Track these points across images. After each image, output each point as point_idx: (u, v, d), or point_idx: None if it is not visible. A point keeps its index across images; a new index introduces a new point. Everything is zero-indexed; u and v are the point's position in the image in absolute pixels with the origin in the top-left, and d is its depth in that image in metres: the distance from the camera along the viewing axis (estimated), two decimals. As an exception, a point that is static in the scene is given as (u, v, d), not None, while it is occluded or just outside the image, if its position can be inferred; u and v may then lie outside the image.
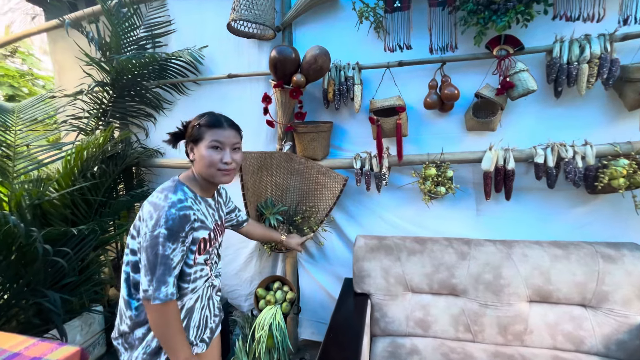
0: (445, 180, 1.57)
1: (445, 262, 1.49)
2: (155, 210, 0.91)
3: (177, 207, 0.91)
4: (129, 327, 0.98)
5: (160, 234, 0.88)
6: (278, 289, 1.82)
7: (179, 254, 0.91)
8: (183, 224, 0.91)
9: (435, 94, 1.58)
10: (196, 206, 0.97)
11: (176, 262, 0.91)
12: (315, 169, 1.80)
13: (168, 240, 0.88)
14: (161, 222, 0.88)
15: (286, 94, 1.67)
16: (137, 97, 2.18)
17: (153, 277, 0.89)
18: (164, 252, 0.88)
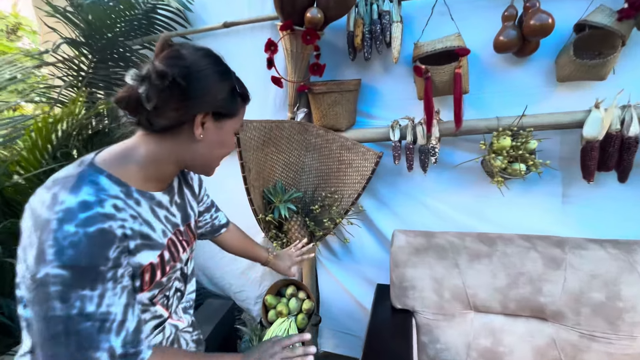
0: (526, 154, 1.09)
1: (527, 271, 1.04)
2: (35, 229, 0.47)
3: (77, 221, 0.47)
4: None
5: (51, 278, 0.45)
6: (292, 296, 1.44)
7: (115, 299, 0.50)
8: (101, 249, 0.48)
9: (513, 29, 1.07)
10: (126, 211, 0.54)
11: (120, 313, 0.50)
12: (338, 142, 1.36)
13: (77, 288, 0.46)
14: (48, 255, 0.45)
15: (297, 40, 1.22)
16: (121, 61, 1.80)
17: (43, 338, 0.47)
18: (71, 312, 0.46)
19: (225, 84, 0.59)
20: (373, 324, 1.13)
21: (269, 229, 1.40)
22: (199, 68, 0.55)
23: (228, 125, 0.62)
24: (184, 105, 0.55)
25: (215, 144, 0.62)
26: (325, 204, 1.43)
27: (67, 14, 1.53)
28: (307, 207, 1.45)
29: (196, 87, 0.55)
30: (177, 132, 0.58)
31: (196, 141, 0.59)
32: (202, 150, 0.61)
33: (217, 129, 0.61)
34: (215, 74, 0.58)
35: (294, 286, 1.49)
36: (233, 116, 0.62)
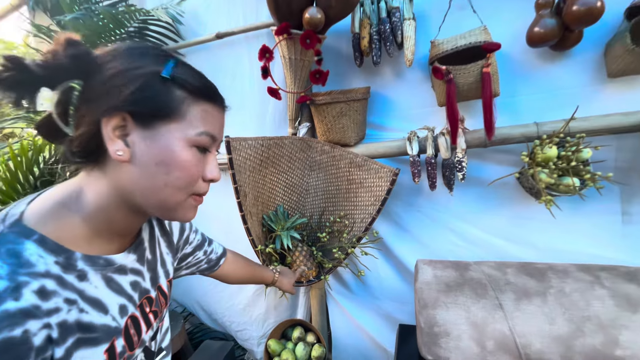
0: (580, 165, 0.89)
1: (595, 314, 0.82)
2: None
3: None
4: None
5: None
6: (299, 340, 1.24)
7: None
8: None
9: (551, 17, 0.90)
10: (59, 295, 0.37)
11: None
12: (347, 159, 1.18)
13: None
14: None
15: (296, 45, 1.07)
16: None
17: None
18: None
19: (145, 63, 0.40)
20: (399, 382, 0.91)
21: (270, 261, 1.21)
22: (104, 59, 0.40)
23: (166, 132, 0.41)
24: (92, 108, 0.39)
25: (151, 164, 0.41)
26: (335, 230, 1.24)
27: (51, 33, 1.43)
28: (314, 235, 1.26)
29: (95, 81, 0.39)
30: (100, 158, 0.42)
31: (121, 164, 0.41)
32: (137, 178, 0.41)
33: (148, 140, 0.40)
34: (126, 55, 0.41)
35: (302, 327, 1.29)
36: (171, 115, 0.41)
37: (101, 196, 0.42)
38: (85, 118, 0.39)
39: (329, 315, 1.41)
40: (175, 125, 0.41)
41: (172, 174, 0.42)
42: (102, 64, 0.40)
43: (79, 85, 0.39)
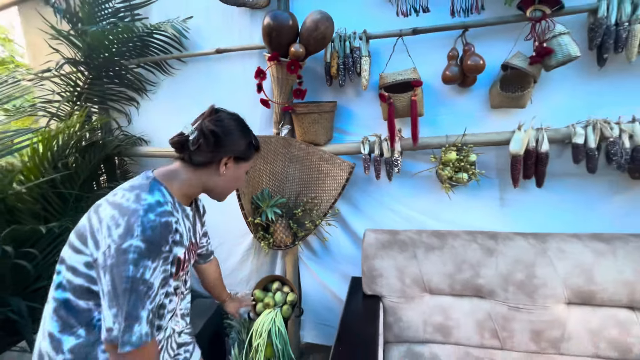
0: (468, 165, 1.36)
1: (469, 259, 1.30)
2: (122, 215, 0.67)
3: (156, 212, 0.69)
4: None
5: (133, 247, 0.64)
6: (277, 290, 1.63)
7: (159, 275, 0.68)
8: (166, 235, 0.69)
9: (455, 66, 1.36)
10: (176, 215, 0.76)
11: (156, 289, 0.68)
12: (318, 155, 1.58)
13: (145, 258, 0.65)
14: (135, 232, 0.65)
15: (283, 69, 1.45)
16: (116, 79, 1.95)
17: (121, 311, 0.64)
18: (136, 274, 0.64)
19: (245, 139, 0.84)
20: (347, 309, 1.34)
21: (257, 230, 1.59)
22: (230, 128, 0.81)
23: (243, 167, 0.87)
24: (217, 150, 0.79)
25: (232, 179, 0.86)
26: (307, 208, 1.64)
27: (70, 37, 1.68)
28: (291, 211, 1.65)
29: (226, 140, 0.80)
30: (208, 168, 0.82)
31: (219, 175, 0.83)
32: (222, 182, 0.85)
33: (235, 169, 0.85)
34: (240, 132, 0.82)
35: (279, 281, 1.68)
36: (247, 160, 0.87)
37: (190, 179, 0.82)
38: (211, 152, 0.79)
39: (300, 275, 1.82)
40: (247, 163, 0.88)
41: (237, 184, 0.90)
42: (229, 130, 0.80)
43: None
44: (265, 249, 1.63)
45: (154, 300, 0.68)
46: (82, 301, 0.72)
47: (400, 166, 1.47)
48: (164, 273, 0.70)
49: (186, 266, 0.84)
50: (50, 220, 1.65)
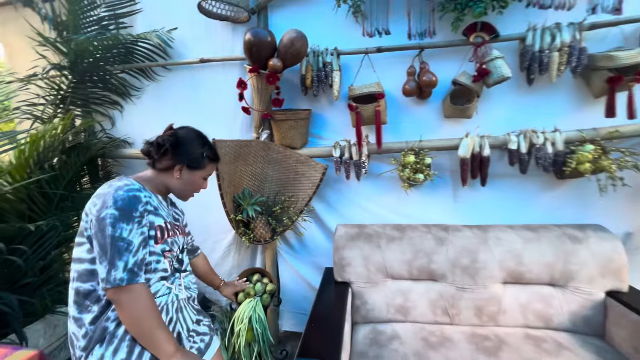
0: (424, 167, 1.57)
1: (424, 248, 1.51)
2: (98, 197, 0.86)
3: (124, 189, 0.86)
4: (82, 349, 0.86)
5: (108, 215, 0.82)
6: (257, 281, 1.77)
7: (137, 236, 0.85)
8: (134, 203, 0.86)
9: (413, 81, 1.57)
10: (146, 193, 0.92)
11: (136, 246, 0.84)
12: (294, 157, 1.75)
13: (119, 221, 0.83)
14: (108, 204, 0.83)
15: (262, 80, 1.60)
16: (100, 83, 2.02)
17: (106, 262, 0.81)
18: (114, 234, 0.82)
19: (198, 151, 1.01)
20: (320, 294, 1.51)
21: (239, 226, 1.74)
22: (184, 140, 0.98)
23: (198, 174, 1.03)
24: (172, 159, 0.97)
25: (187, 183, 1.02)
26: (284, 206, 1.80)
27: (56, 44, 1.75)
28: (270, 209, 1.81)
29: (179, 151, 0.97)
30: (167, 172, 0.99)
31: (175, 179, 1.00)
32: (178, 185, 1.02)
33: (189, 175, 1.01)
34: (193, 145, 0.99)
35: (259, 273, 1.83)
36: (201, 169, 1.03)
37: (156, 180, 0.99)
38: (169, 160, 0.97)
39: (278, 268, 1.98)
40: (201, 172, 1.03)
41: (193, 188, 1.05)
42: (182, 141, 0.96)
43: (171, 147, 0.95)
44: (247, 243, 1.77)
45: (135, 254, 0.84)
46: (87, 284, 0.87)
47: (367, 168, 1.66)
48: (142, 235, 0.87)
49: (170, 234, 0.98)
50: (35, 219, 1.71)
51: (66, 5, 1.79)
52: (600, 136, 1.42)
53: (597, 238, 1.40)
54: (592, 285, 1.37)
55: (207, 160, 1.03)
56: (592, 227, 1.46)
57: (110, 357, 0.83)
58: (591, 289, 1.37)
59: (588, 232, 1.43)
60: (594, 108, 1.47)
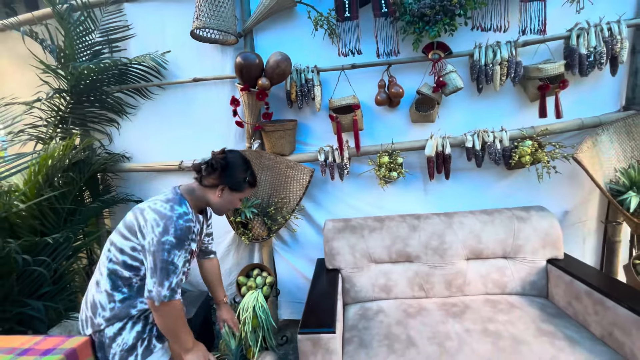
0: (397, 166, 1.84)
1: (400, 235, 1.77)
2: (161, 219, 1.02)
3: (183, 219, 1.04)
4: (106, 319, 1.06)
5: (168, 241, 1.00)
6: (257, 275, 1.99)
7: (182, 260, 1.04)
8: (187, 234, 1.04)
9: (384, 93, 1.83)
10: (193, 222, 1.09)
11: (180, 268, 1.04)
12: (284, 163, 1.97)
13: (175, 248, 1.01)
14: (170, 231, 1.00)
15: (253, 96, 1.82)
16: (97, 103, 2.16)
17: (158, 280, 1.01)
18: (169, 259, 1.00)
19: (241, 176, 1.15)
20: (314, 280, 1.74)
21: (238, 227, 1.94)
22: (231, 164, 1.13)
23: (236, 195, 1.17)
24: (217, 179, 1.12)
25: (225, 202, 1.16)
26: (278, 207, 2.02)
27: (57, 71, 1.89)
28: (265, 210, 2.02)
29: (225, 173, 1.13)
30: (211, 190, 1.14)
31: (217, 197, 1.15)
32: (217, 203, 1.16)
33: (229, 195, 1.15)
34: (238, 170, 1.15)
35: (259, 268, 2.05)
36: (240, 191, 1.17)
37: (200, 195, 1.16)
38: (215, 179, 1.12)
39: (275, 263, 2.19)
40: (240, 194, 1.18)
41: (231, 207, 1.21)
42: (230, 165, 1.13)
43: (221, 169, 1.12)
44: (246, 242, 1.98)
45: (178, 276, 1.05)
46: (126, 271, 1.08)
47: (349, 169, 1.91)
48: (184, 259, 1.06)
49: (195, 255, 1.20)
50: (47, 234, 1.86)
51: (62, 31, 1.93)
52: (536, 133, 1.73)
53: (538, 217, 1.71)
54: (536, 255, 1.68)
55: (247, 185, 1.16)
56: (535, 208, 1.77)
57: (128, 330, 1.09)
58: (535, 258, 1.68)
59: (531, 213, 1.74)
60: (531, 110, 1.78)
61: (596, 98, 1.77)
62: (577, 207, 1.91)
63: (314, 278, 1.77)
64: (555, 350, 1.27)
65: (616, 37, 1.59)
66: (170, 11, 2.00)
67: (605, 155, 1.69)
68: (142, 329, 1.11)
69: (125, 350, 1.07)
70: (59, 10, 1.92)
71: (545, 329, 1.39)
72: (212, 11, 1.72)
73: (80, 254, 2.09)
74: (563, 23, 1.66)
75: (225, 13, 1.76)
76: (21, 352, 0.98)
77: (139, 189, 2.29)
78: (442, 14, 1.57)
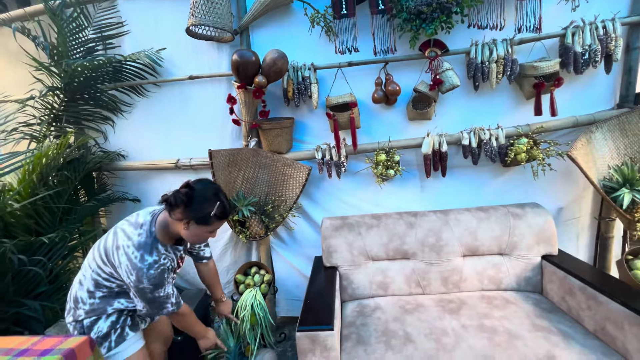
0: (394, 163, 1.85)
1: (398, 232, 1.78)
2: (133, 269, 1.08)
3: (154, 268, 1.08)
4: (85, 312, 1.17)
5: (147, 288, 1.09)
6: (255, 273, 1.99)
7: (169, 286, 1.17)
8: (164, 275, 1.12)
9: (381, 90, 1.83)
10: (169, 258, 1.15)
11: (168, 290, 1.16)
12: (281, 161, 1.97)
13: (156, 289, 1.11)
14: (144, 281, 1.07)
15: (249, 94, 1.81)
16: (91, 101, 2.14)
17: (156, 309, 1.16)
18: (153, 296, 1.12)
19: (206, 210, 1.10)
20: (312, 278, 1.75)
21: (236, 225, 1.94)
22: (196, 198, 1.10)
23: (204, 228, 1.13)
24: (183, 212, 1.10)
25: (193, 235, 1.14)
26: (275, 205, 2.02)
27: (50, 68, 1.86)
28: (262, 208, 2.02)
29: (188, 209, 1.10)
30: (179, 222, 1.12)
31: (184, 230, 1.12)
32: (186, 236, 1.14)
33: (196, 229, 1.12)
34: (202, 204, 1.11)
35: (256, 266, 2.05)
36: (208, 225, 1.12)
37: (172, 228, 1.15)
38: (181, 212, 1.10)
39: (272, 261, 2.20)
40: (207, 227, 1.14)
41: (199, 240, 1.19)
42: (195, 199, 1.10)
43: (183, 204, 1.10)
44: (244, 240, 1.98)
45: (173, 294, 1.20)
46: (106, 282, 1.18)
47: (346, 167, 1.92)
48: (169, 284, 1.17)
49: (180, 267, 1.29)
50: (41, 233, 1.84)
51: (55, 28, 1.90)
52: (532, 131, 1.75)
53: (533, 214, 1.73)
54: (531, 252, 1.70)
55: (214, 219, 1.12)
56: (530, 205, 1.79)
57: (103, 320, 1.18)
58: (530, 254, 1.70)
59: (527, 209, 1.76)
60: (526, 108, 1.79)
61: (590, 96, 1.79)
62: (571, 203, 1.93)
63: (311, 276, 1.78)
64: (549, 345, 1.29)
65: (611, 35, 1.60)
66: (165, 7, 1.97)
67: (599, 153, 1.71)
68: (116, 320, 1.20)
69: (101, 337, 1.17)
70: (51, 7, 1.89)
71: (540, 324, 1.41)
72: (207, 8, 1.70)
73: (76, 253, 2.07)
74: (558, 21, 1.67)
75: (221, 10, 1.74)
76: (19, 352, 0.97)
77: (136, 188, 2.28)
78: (439, 11, 1.57)
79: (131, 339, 1.22)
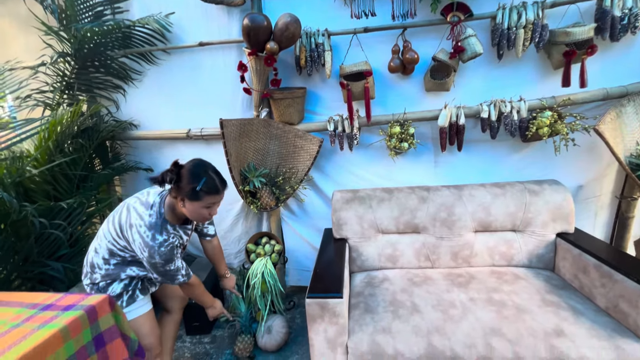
0: (408, 136, 1.79)
1: (409, 206, 1.77)
2: (145, 247, 1.15)
3: (164, 246, 1.16)
4: (102, 276, 1.26)
5: (158, 263, 1.17)
6: (266, 243, 2.03)
7: (178, 259, 1.25)
8: (173, 252, 1.19)
9: (398, 59, 1.74)
10: (177, 236, 1.23)
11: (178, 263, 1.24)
12: (293, 132, 1.94)
13: (167, 263, 1.18)
14: (156, 257, 1.15)
15: (260, 62, 1.75)
16: (101, 68, 2.12)
17: (169, 280, 1.25)
18: (165, 269, 1.19)
19: (191, 186, 1.12)
20: (322, 249, 1.77)
21: (247, 196, 1.96)
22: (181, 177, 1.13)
23: (197, 204, 1.14)
24: (176, 190, 1.15)
25: (191, 212, 1.16)
26: (286, 176, 2.01)
27: (59, 33, 1.83)
28: (273, 180, 2.02)
29: (177, 186, 1.14)
30: (178, 202, 1.17)
31: (182, 208, 1.17)
32: (187, 213, 1.18)
33: (190, 205, 1.15)
34: (188, 181, 1.13)
35: (267, 237, 2.08)
36: (199, 201, 1.14)
37: (176, 209, 1.21)
38: (175, 191, 1.15)
39: (283, 232, 2.23)
40: (199, 203, 1.15)
41: (197, 217, 1.20)
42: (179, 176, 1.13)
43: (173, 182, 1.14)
44: (255, 211, 2.00)
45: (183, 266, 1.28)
46: (121, 252, 1.26)
47: (358, 139, 1.87)
48: (178, 259, 1.25)
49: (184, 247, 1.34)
50: (59, 199, 1.89)
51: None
52: (557, 103, 1.65)
53: (551, 190, 1.68)
54: (546, 229, 1.67)
55: (202, 194, 1.13)
56: (548, 182, 1.73)
57: (117, 283, 1.27)
58: (545, 232, 1.67)
59: (544, 186, 1.70)
60: (554, 79, 1.68)
61: (624, 66, 1.66)
62: (591, 181, 1.86)
63: (321, 246, 1.80)
64: (558, 319, 1.29)
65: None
66: (174, -32, 1.88)
67: (628, 128, 1.62)
68: (129, 283, 1.29)
69: (114, 297, 1.25)
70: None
71: (550, 299, 1.41)
72: (217, -33, 1.61)
73: (94, 219, 2.14)
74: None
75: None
76: (44, 307, 1.03)
77: (148, 157, 2.30)
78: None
79: (140, 301, 1.32)
